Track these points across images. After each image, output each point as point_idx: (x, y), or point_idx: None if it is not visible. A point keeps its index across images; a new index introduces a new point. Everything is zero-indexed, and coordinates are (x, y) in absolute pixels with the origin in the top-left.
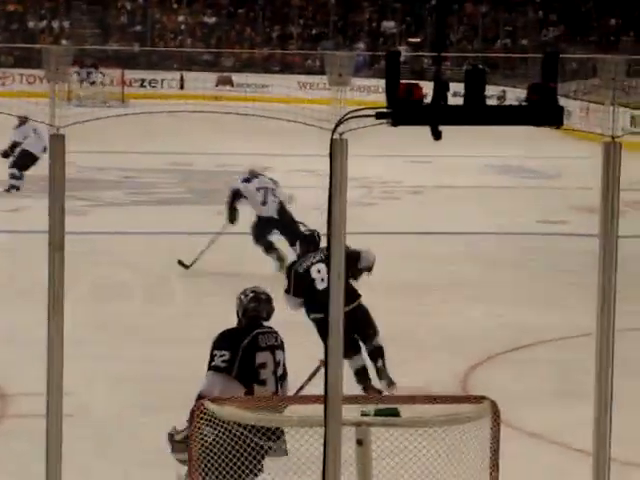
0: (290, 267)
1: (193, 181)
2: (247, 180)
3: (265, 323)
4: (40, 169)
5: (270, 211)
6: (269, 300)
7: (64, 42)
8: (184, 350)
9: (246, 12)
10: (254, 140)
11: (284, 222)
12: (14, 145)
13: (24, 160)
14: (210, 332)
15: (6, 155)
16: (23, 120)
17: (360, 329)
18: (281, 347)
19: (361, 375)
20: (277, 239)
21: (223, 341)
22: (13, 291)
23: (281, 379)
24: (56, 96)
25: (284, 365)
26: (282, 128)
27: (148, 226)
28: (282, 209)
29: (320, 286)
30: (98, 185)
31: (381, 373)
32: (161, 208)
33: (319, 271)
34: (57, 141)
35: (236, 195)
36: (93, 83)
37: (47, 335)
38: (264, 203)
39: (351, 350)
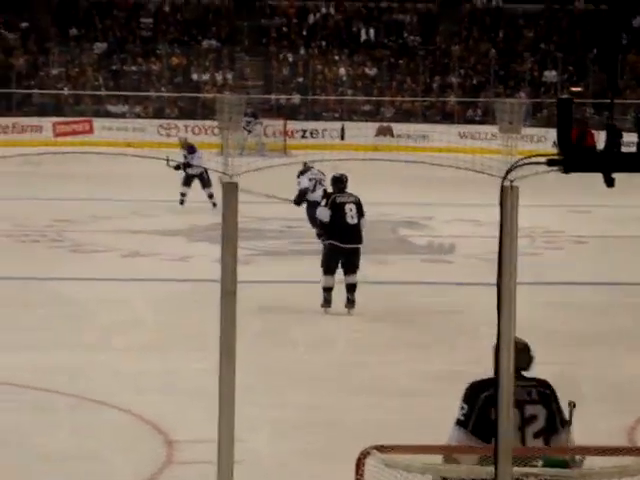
0: (330, 194)
1: None
2: (301, 173)
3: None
4: (205, 219)
5: (316, 197)
6: (527, 349)
7: (227, 93)
8: (347, 397)
9: (406, 63)
10: (413, 189)
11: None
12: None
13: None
14: (372, 380)
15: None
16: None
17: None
18: (537, 401)
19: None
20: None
21: (467, 392)
22: (180, 338)
23: (538, 435)
24: (229, 145)
25: (550, 419)
26: (440, 178)
27: (309, 275)
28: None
29: (350, 221)
30: (261, 234)
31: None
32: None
33: (351, 209)
34: (230, 189)
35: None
36: (250, 132)
37: (219, 381)
38: (313, 190)
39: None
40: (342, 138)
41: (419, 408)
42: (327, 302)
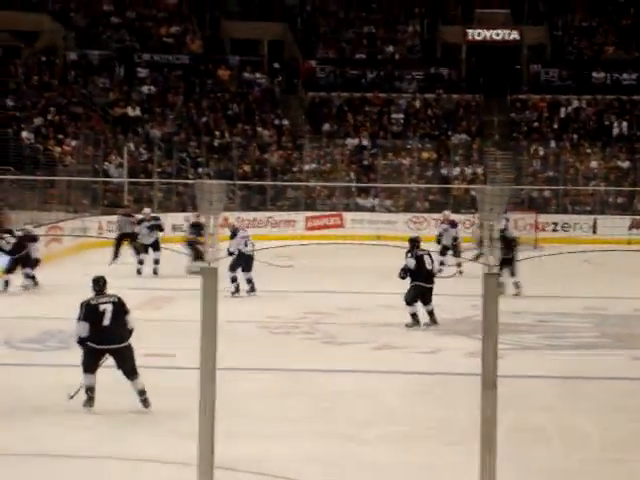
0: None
1: (608, 325)
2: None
3: None
4: (455, 312)
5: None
6: None
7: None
8: None
9: None
10: None
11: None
12: None
13: None
14: None
15: None
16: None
17: None
18: None
19: None
20: None
21: None
22: (433, 430)
23: None
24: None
25: None
26: None
27: (565, 370)
28: None
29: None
30: (513, 328)
31: None
32: (576, 352)
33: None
34: (491, 280)
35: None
36: None
37: (480, 473)
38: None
39: None
40: (594, 232)
41: None
42: None
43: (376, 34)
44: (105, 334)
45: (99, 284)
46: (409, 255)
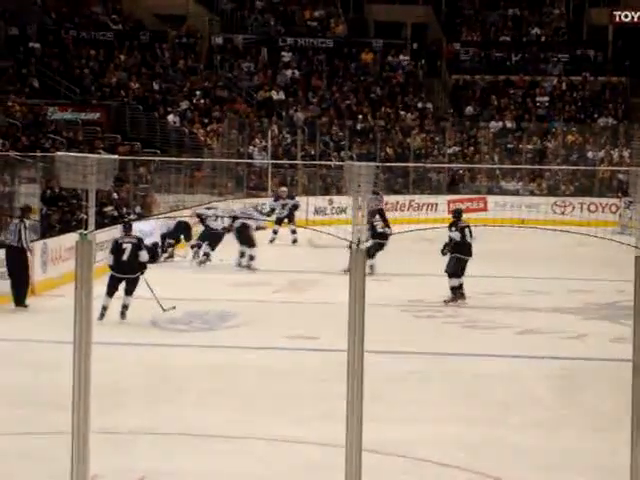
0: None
1: None
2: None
3: None
4: (600, 297)
5: None
6: None
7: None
8: None
9: None
10: None
11: None
12: None
13: None
14: None
15: None
16: None
17: None
18: None
19: None
20: None
21: None
22: (575, 416)
23: None
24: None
25: None
26: None
27: None
28: None
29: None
30: None
31: None
32: None
33: None
34: None
35: None
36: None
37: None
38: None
39: None
40: None
41: None
42: None
43: (521, 16)
44: (123, 266)
45: (126, 227)
46: (452, 229)
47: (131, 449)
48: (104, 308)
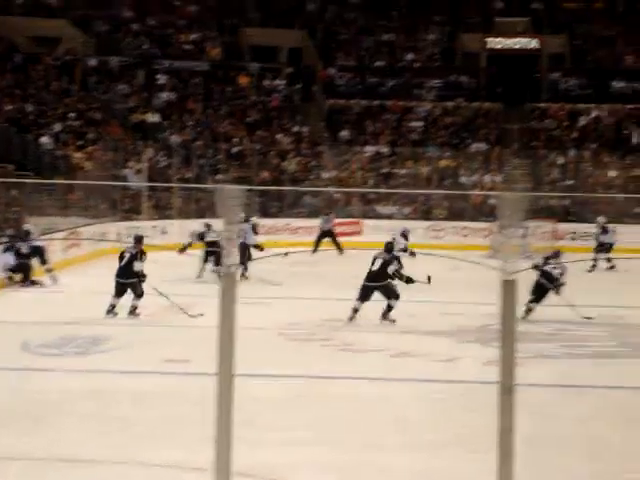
0: None
1: (626, 334)
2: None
3: None
4: (473, 320)
5: None
6: None
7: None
8: None
9: None
10: None
11: None
12: None
13: None
14: None
15: None
16: None
17: None
18: None
19: None
20: None
21: None
22: (451, 438)
23: None
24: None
25: None
26: None
27: (584, 379)
28: None
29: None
30: (532, 337)
31: None
32: (595, 361)
33: None
34: (509, 286)
35: None
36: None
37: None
38: None
39: None
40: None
41: None
42: None
43: (396, 42)
44: (121, 272)
45: (134, 238)
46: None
47: (2, 476)
48: (112, 306)
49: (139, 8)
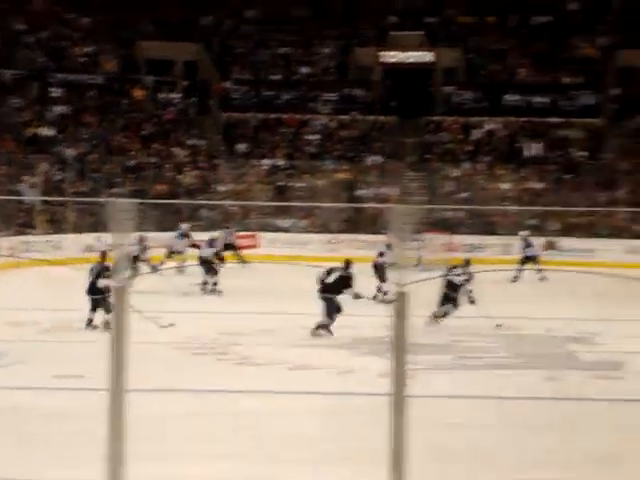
0: None
1: (521, 345)
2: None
3: None
4: (369, 332)
5: None
6: None
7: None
8: None
9: (572, 178)
10: (581, 305)
11: None
12: None
13: None
14: None
15: None
16: None
17: None
18: None
19: None
20: None
21: None
22: (349, 451)
23: None
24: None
25: None
26: (609, 292)
27: (478, 390)
28: None
29: None
30: (426, 349)
31: None
32: (489, 372)
33: None
34: (400, 298)
35: None
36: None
37: None
38: None
39: None
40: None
41: None
42: None
43: (291, 55)
44: (89, 288)
45: (100, 254)
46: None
47: None
48: (90, 320)
49: (32, 21)
